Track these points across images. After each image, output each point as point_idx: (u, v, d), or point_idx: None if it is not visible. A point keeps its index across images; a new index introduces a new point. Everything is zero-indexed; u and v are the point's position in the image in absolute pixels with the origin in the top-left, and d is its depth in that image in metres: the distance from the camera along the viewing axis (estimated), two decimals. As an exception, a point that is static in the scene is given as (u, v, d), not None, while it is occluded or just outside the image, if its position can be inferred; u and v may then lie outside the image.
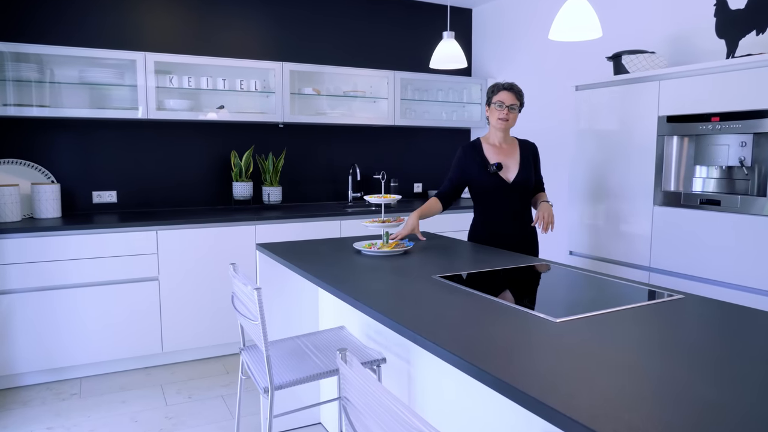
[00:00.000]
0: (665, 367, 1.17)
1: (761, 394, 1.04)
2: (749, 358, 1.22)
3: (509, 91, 2.68)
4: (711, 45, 3.10)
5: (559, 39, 1.98)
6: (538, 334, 1.38)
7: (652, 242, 2.96)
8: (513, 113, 2.69)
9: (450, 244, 2.67)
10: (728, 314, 1.55)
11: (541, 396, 1.02)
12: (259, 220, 3.72)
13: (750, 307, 1.65)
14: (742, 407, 0.98)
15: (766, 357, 1.23)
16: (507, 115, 2.68)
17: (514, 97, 2.68)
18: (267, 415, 1.78)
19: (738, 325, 1.45)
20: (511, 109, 2.68)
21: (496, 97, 2.69)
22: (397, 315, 1.51)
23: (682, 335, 1.37)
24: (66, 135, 3.74)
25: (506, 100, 2.67)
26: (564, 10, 1.82)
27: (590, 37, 1.90)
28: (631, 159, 3.06)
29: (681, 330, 1.41)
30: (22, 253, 3.15)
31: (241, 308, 1.90)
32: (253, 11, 4.19)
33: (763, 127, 2.44)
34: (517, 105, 2.70)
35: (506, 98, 2.67)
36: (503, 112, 2.68)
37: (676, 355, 1.24)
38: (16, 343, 3.17)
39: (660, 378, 1.11)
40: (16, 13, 3.53)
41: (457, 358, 1.22)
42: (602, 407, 0.98)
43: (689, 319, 1.51)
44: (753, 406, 0.99)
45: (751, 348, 1.29)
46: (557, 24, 1.84)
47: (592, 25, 1.80)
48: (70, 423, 2.81)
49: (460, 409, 1.69)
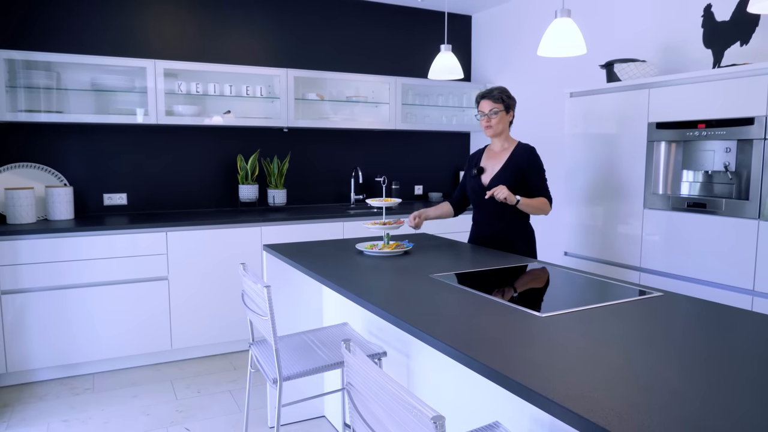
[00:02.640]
0: (637, 356, 1.30)
1: (721, 381, 1.16)
2: (715, 349, 1.35)
3: (486, 98, 2.79)
4: (699, 54, 3.22)
5: (547, 55, 2.11)
6: (524, 327, 1.50)
7: (642, 244, 3.09)
8: (495, 117, 2.77)
9: (448, 245, 2.80)
10: (702, 310, 1.68)
11: (523, 380, 1.15)
12: (264, 221, 3.85)
13: (728, 305, 1.77)
14: (702, 392, 1.11)
15: (730, 348, 1.36)
16: (489, 122, 2.79)
17: (491, 102, 2.77)
18: (276, 405, 1.90)
19: (709, 320, 1.58)
20: (492, 114, 2.77)
21: (479, 108, 2.83)
22: (397, 310, 1.64)
23: (656, 329, 1.50)
24: (78, 139, 3.88)
25: (485, 108, 2.79)
26: (551, 29, 1.95)
27: (575, 53, 2.03)
28: (622, 163, 3.19)
29: (655, 324, 1.54)
30: (36, 253, 3.28)
31: (251, 305, 2.03)
32: (259, 20, 4.33)
33: (747, 134, 2.56)
34: (499, 108, 2.77)
35: (485, 106, 2.79)
36: (484, 120, 2.80)
37: (648, 346, 1.37)
38: (31, 340, 3.31)
39: (631, 366, 1.24)
40: (31, 24, 3.67)
41: (451, 348, 1.35)
42: (577, 389, 1.11)
43: (664, 314, 1.64)
44: (712, 391, 1.12)
45: (718, 340, 1.41)
46: (545, 41, 1.97)
47: (576, 43, 1.93)
48: (84, 416, 2.95)
49: (457, 399, 1.82)
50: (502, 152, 2.88)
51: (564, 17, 1.93)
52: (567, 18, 1.93)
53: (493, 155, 2.91)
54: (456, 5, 4.89)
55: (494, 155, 2.90)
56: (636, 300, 1.78)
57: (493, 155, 2.91)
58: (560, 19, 1.94)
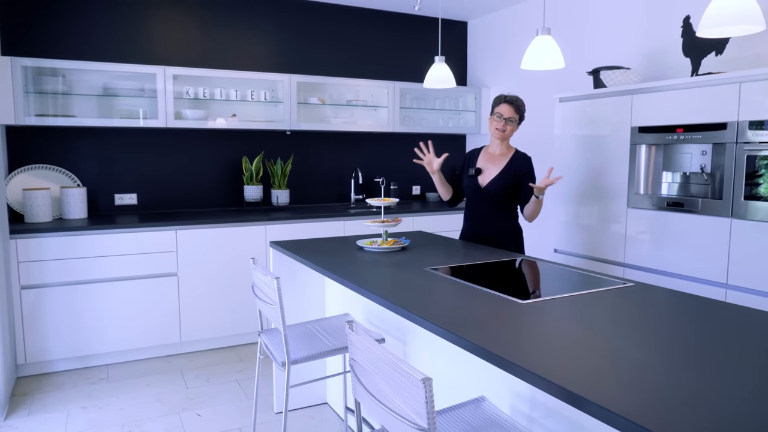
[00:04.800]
0: (604, 335, 1.49)
1: (681, 357, 1.36)
2: (676, 331, 1.54)
3: (510, 105, 2.92)
4: (680, 63, 3.41)
5: (529, 68, 2.30)
6: (506, 312, 1.70)
7: (626, 241, 3.28)
8: (511, 125, 2.94)
9: (441, 242, 2.99)
10: (665, 298, 1.87)
11: (503, 354, 1.34)
12: (268, 220, 4.04)
13: (688, 293, 1.96)
14: (663, 367, 1.30)
15: (686, 328, 1.55)
16: (504, 126, 2.94)
17: (513, 110, 2.92)
18: (284, 386, 2.09)
19: (669, 305, 1.77)
20: (509, 121, 2.92)
21: (497, 108, 2.95)
22: (394, 298, 1.83)
23: (622, 312, 1.69)
24: (90, 142, 4.07)
25: (505, 113, 2.93)
26: (533, 45, 2.14)
27: (554, 67, 2.22)
28: (608, 165, 3.38)
29: (622, 309, 1.73)
30: (53, 250, 3.47)
31: (261, 295, 2.22)
32: (263, 28, 4.52)
33: (720, 138, 2.76)
34: (516, 118, 2.94)
35: (505, 111, 2.93)
36: (501, 123, 2.94)
37: (614, 326, 1.56)
38: (48, 333, 3.49)
39: (598, 343, 1.43)
40: (47, 33, 3.86)
41: (441, 329, 1.54)
42: (550, 362, 1.30)
43: (632, 301, 1.83)
44: (672, 367, 1.31)
45: (676, 321, 1.61)
46: (527, 56, 2.17)
47: (555, 58, 2.12)
48: (101, 403, 3.14)
49: (448, 378, 2.01)
50: (500, 157, 3.03)
51: (544, 35, 2.13)
52: (547, 35, 2.13)
53: (490, 158, 3.07)
54: (452, 12, 5.08)
55: (492, 158, 3.06)
56: (609, 289, 1.97)
57: (490, 158, 3.07)
58: (541, 36, 2.13)
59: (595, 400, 1.10)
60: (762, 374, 1.23)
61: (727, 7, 1.37)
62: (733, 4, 1.36)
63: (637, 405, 1.08)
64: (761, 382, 1.19)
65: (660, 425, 0.99)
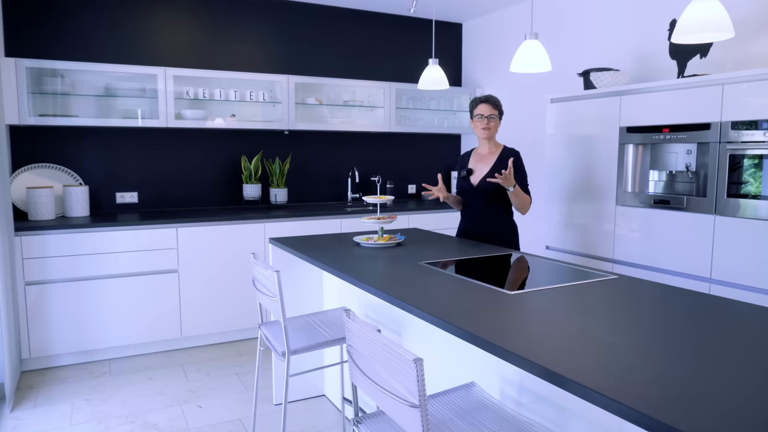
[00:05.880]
0: (583, 320, 1.58)
1: (654, 340, 1.45)
2: (653, 317, 1.64)
3: (486, 103, 3.05)
4: (667, 64, 3.51)
5: (518, 71, 2.40)
6: (495, 302, 1.79)
7: (615, 237, 3.38)
8: (493, 121, 3.07)
9: (436, 238, 3.09)
10: (645, 288, 1.97)
11: (490, 338, 1.44)
12: (267, 218, 4.13)
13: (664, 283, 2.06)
14: (638, 348, 1.40)
15: (666, 317, 1.65)
16: (488, 125, 3.07)
17: (491, 107, 3.05)
18: (284, 376, 2.18)
19: (650, 295, 1.87)
20: (491, 118, 3.06)
21: (477, 110, 3.08)
22: (389, 290, 1.93)
23: (602, 301, 1.79)
24: (92, 142, 4.15)
25: (485, 112, 3.06)
26: (521, 49, 2.24)
27: (541, 70, 2.32)
28: (598, 164, 3.48)
29: (602, 298, 1.83)
30: (56, 247, 3.55)
31: (262, 288, 2.31)
32: (262, 30, 4.61)
33: (704, 138, 2.86)
34: (496, 114, 3.07)
35: (485, 110, 3.06)
36: (484, 122, 3.07)
37: (592, 314, 1.66)
38: (52, 328, 3.58)
39: (576, 327, 1.53)
40: (51, 34, 3.94)
41: (432, 317, 1.64)
42: (532, 345, 1.40)
43: (613, 291, 1.93)
44: (645, 348, 1.41)
45: (657, 310, 1.70)
46: (516, 59, 2.26)
47: (543, 61, 2.22)
48: (105, 395, 3.22)
49: (440, 366, 2.10)
50: (489, 155, 3.15)
51: (532, 39, 2.22)
52: (535, 40, 2.22)
53: (480, 158, 3.18)
54: (447, 14, 5.18)
55: (482, 158, 3.17)
56: (593, 281, 2.07)
57: (480, 158, 3.18)
58: (529, 41, 2.22)
59: (570, 377, 1.19)
60: (726, 354, 1.33)
61: (699, 16, 1.46)
62: (704, 13, 1.45)
63: (610, 381, 1.17)
64: (724, 360, 1.28)
65: (629, 398, 1.09)
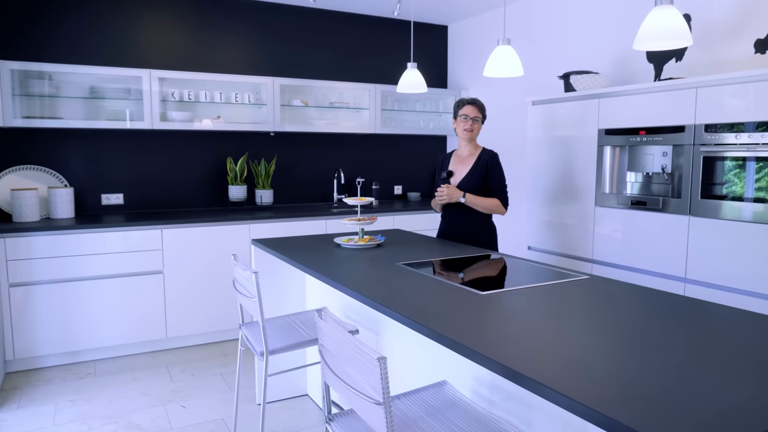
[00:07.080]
0: (552, 320, 1.63)
1: (616, 339, 1.50)
2: (617, 316, 1.69)
3: (473, 105, 3.11)
4: (645, 67, 3.57)
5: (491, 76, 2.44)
6: (466, 302, 1.83)
7: (594, 238, 3.43)
8: (477, 124, 3.12)
9: (416, 239, 3.13)
10: (613, 288, 2.02)
11: (459, 339, 1.48)
12: (252, 219, 4.16)
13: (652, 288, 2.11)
14: (599, 347, 1.44)
15: (629, 316, 1.69)
16: (471, 126, 3.11)
17: (477, 110, 3.11)
18: (262, 375, 2.22)
19: (617, 296, 1.92)
20: (475, 120, 3.11)
21: (462, 111, 3.13)
22: (365, 291, 1.96)
23: (571, 301, 1.84)
24: (77, 143, 4.16)
25: (470, 113, 3.11)
26: (494, 55, 2.28)
27: (514, 75, 2.36)
28: (578, 166, 3.53)
29: (571, 298, 1.88)
30: (41, 249, 3.56)
31: (242, 289, 2.34)
32: (247, 32, 4.64)
33: (679, 140, 2.91)
34: (480, 117, 3.13)
35: (470, 111, 3.11)
36: (468, 124, 3.11)
37: (562, 313, 1.70)
38: (37, 330, 3.59)
39: (545, 327, 1.57)
40: (34, 36, 3.95)
41: (404, 317, 1.68)
42: (498, 344, 1.44)
43: (582, 291, 1.97)
44: (605, 347, 1.45)
45: (621, 309, 1.75)
46: (489, 64, 2.30)
47: (515, 67, 2.26)
48: (89, 396, 3.24)
49: (414, 365, 2.14)
50: (469, 157, 3.20)
51: (505, 44, 2.27)
52: (508, 45, 2.27)
53: (460, 160, 3.23)
54: (432, 17, 5.22)
55: (462, 160, 3.22)
56: (564, 282, 2.12)
57: (460, 160, 3.23)
58: (502, 46, 2.27)
59: (528, 374, 1.23)
60: (690, 353, 1.38)
61: (658, 25, 1.51)
62: (663, 22, 1.50)
63: (567, 379, 1.21)
64: (687, 359, 1.33)
65: (583, 395, 1.13)
